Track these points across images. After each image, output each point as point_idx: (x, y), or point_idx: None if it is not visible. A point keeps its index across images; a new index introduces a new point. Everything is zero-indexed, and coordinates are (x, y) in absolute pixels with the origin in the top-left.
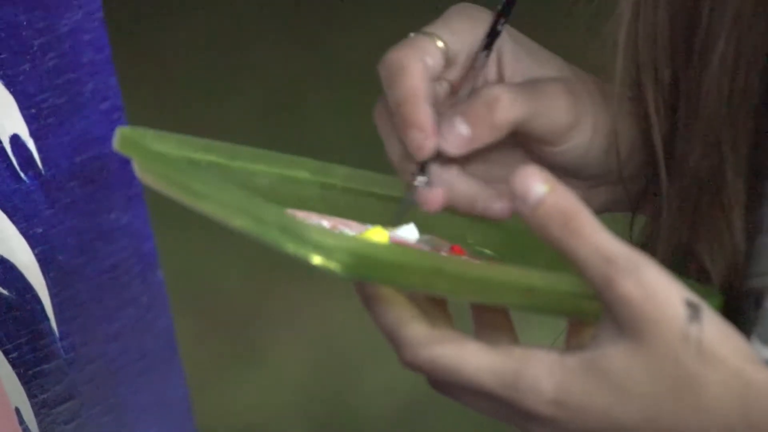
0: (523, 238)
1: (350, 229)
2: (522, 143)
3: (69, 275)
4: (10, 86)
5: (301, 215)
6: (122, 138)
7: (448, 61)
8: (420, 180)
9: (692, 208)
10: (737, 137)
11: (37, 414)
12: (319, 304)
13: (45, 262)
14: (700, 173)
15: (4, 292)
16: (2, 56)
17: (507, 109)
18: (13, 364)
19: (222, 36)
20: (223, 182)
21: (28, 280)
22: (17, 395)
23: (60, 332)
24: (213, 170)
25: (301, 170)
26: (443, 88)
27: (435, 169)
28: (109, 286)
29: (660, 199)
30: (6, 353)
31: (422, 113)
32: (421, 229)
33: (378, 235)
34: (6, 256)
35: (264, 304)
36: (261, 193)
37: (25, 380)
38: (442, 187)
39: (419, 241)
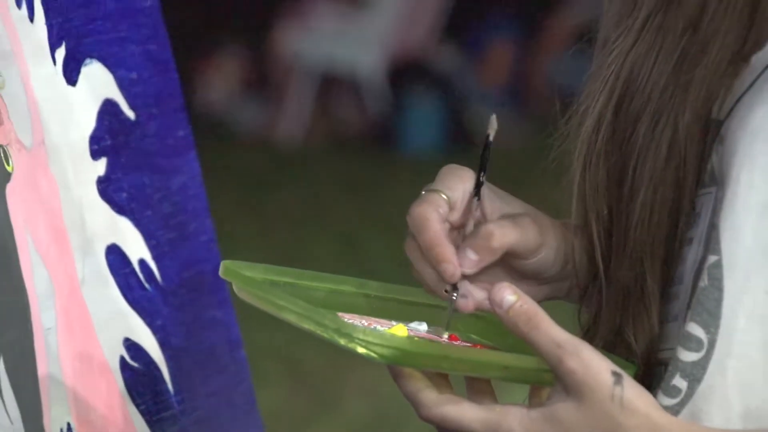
0: (499, 325)
1: (380, 325)
2: (504, 258)
3: (179, 353)
4: (138, 226)
5: (348, 317)
6: (224, 269)
7: (450, 207)
8: (457, 296)
9: (623, 304)
10: (653, 257)
11: None
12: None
13: (163, 345)
14: (628, 281)
15: (135, 365)
16: (132, 205)
17: (499, 239)
18: (142, 413)
19: (301, 199)
20: (294, 297)
21: (152, 357)
22: None
23: (174, 391)
24: (286, 287)
25: (347, 285)
26: (446, 226)
27: (463, 285)
28: (207, 361)
29: (601, 297)
30: (137, 405)
31: (449, 252)
32: (428, 322)
33: (400, 329)
34: (136, 341)
35: (332, 368)
36: (319, 302)
37: (151, 424)
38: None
39: (428, 331)
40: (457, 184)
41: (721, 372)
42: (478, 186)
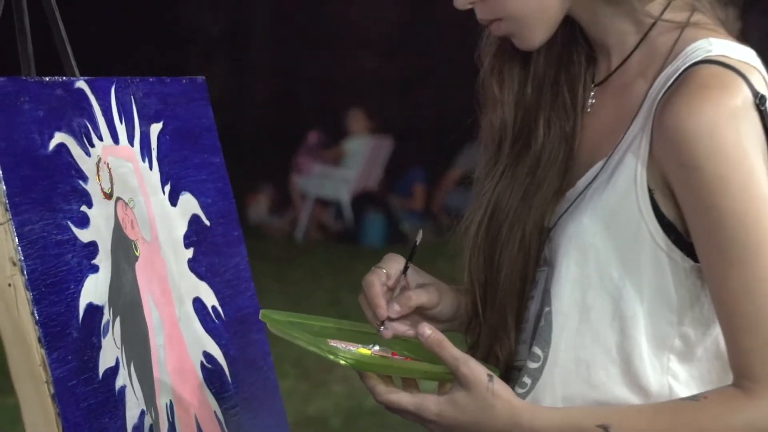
0: (421, 347)
1: (352, 347)
2: (417, 309)
3: (234, 359)
4: (211, 286)
5: (334, 342)
6: (262, 314)
7: (387, 278)
8: (383, 328)
9: (494, 334)
10: (511, 307)
11: (223, 413)
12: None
13: (225, 355)
14: (496, 321)
15: (210, 366)
16: (208, 275)
17: (414, 300)
18: (213, 395)
19: (304, 271)
20: (302, 331)
21: (219, 362)
22: (215, 406)
23: (231, 381)
24: (298, 325)
25: (332, 323)
26: (384, 288)
27: (387, 323)
28: (250, 364)
29: (480, 331)
30: (210, 390)
31: (382, 303)
32: (380, 345)
33: (365, 350)
34: (210, 352)
35: (322, 367)
36: (316, 333)
37: (218, 400)
38: (391, 329)
39: (380, 350)
40: (393, 265)
41: (551, 374)
42: (405, 268)
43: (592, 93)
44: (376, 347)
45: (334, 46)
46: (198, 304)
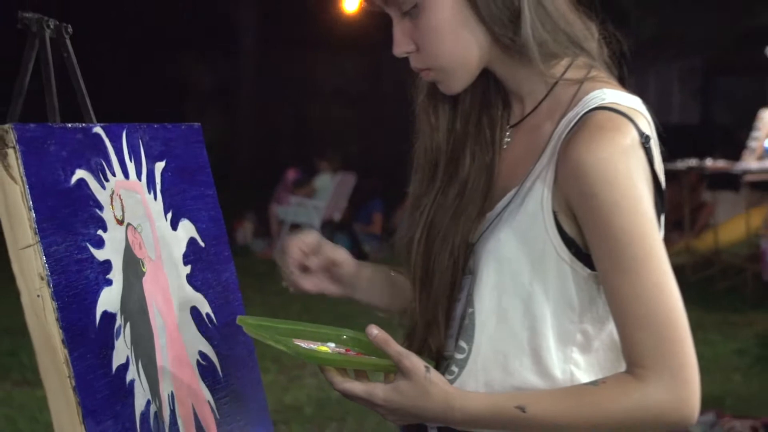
0: (370, 344)
1: (314, 345)
2: (331, 265)
3: (225, 356)
4: (206, 297)
5: (298, 341)
6: (239, 320)
7: (303, 243)
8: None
9: (428, 329)
10: (441, 307)
11: (215, 401)
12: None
13: (217, 353)
14: (429, 317)
15: (204, 363)
16: (203, 287)
17: (329, 252)
18: (207, 386)
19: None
20: (272, 333)
21: (212, 359)
22: (208, 396)
23: (222, 375)
24: (268, 328)
25: (297, 326)
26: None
27: (301, 274)
28: (238, 360)
29: (416, 324)
30: (204, 382)
31: (296, 254)
32: (336, 343)
33: (324, 347)
34: (204, 351)
35: (297, 363)
36: (284, 334)
37: (211, 391)
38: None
39: (336, 347)
40: (309, 236)
41: (474, 364)
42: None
43: (508, 132)
44: (333, 345)
45: (307, 99)
46: (194, 311)
